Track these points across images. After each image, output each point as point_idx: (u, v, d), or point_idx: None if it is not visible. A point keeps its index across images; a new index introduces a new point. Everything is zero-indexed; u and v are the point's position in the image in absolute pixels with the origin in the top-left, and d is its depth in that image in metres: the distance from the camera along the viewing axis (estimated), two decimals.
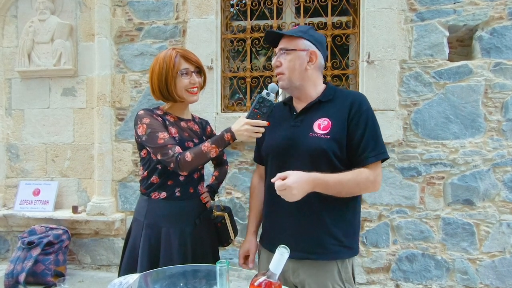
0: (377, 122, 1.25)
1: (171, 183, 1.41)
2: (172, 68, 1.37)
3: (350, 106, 1.23)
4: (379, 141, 1.22)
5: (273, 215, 1.31)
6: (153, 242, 1.38)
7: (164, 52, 1.41)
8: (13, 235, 3.21)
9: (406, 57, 2.68)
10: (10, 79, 3.22)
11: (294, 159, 1.24)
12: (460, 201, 2.64)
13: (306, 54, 1.26)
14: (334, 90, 1.31)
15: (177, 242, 1.38)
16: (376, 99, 2.64)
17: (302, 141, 1.23)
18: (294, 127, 1.27)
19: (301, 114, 1.29)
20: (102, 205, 2.96)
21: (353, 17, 2.87)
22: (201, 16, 2.87)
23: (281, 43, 1.30)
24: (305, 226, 1.22)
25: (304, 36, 1.26)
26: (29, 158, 3.22)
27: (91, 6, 3.03)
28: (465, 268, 2.65)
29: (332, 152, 1.19)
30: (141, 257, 1.38)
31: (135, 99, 3.02)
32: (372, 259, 2.75)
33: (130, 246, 1.44)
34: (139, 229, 1.41)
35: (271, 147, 1.32)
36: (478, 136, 2.62)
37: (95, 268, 3.11)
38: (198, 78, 1.45)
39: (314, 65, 1.27)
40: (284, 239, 1.22)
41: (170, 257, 1.37)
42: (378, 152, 1.20)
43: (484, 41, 2.61)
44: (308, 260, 1.21)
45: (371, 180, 1.19)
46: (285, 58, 1.26)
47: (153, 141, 1.32)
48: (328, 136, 1.19)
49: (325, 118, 1.23)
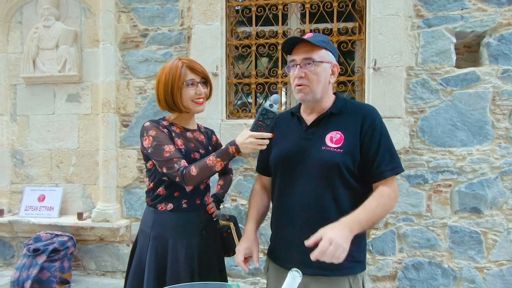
0: (389, 135, 1.23)
1: (178, 194, 1.40)
2: (178, 79, 1.36)
3: (362, 120, 1.20)
4: (394, 155, 1.20)
5: (284, 229, 1.27)
6: (160, 254, 1.37)
7: (171, 62, 1.40)
8: (18, 241, 3.19)
9: (412, 64, 2.63)
10: (15, 85, 3.19)
11: (306, 172, 1.21)
12: (468, 209, 2.59)
13: (330, 66, 1.22)
14: (344, 102, 1.27)
15: (184, 254, 1.37)
16: (382, 106, 2.59)
17: (314, 154, 1.19)
18: (305, 140, 1.24)
19: (312, 126, 1.25)
20: (107, 212, 2.93)
21: (359, 23, 2.82)
22: (206, 23, 2.83)
23: (302, 51, 1.20)
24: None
25: (327, 47, 1.21)
26: (34, 164, 3.20)
27: (95, 12, 3.00)
28: (473, 276, 2.60)
29: (345, 166, 1.16)
30: (147, 269, 1.36)
31: (140, 106, 2.99)
32: (378, 267, 2.70)
33: (137, 257, 1.43)
34: (146, 240, 1.40)
35: (281, 159, 1.28)
36: (486, 144, 2.57)
37: (100, 274, 3.08)
38: (204, 88, 1.44)
39: (335, 78, 1.25)
40: (296, 255, 1.21)
41: (177, 269, 1.36)
42: (394, 166, 1.18)
43: (492, 48, 2.55)
44: (321, 276, 1.17)
45: (393, 197, 1.18)
46: (310, 69, 1.18)
47: (159, 154, 1.31)
48: (341, 150, 1.17)
49: (337, 131, 1.20)
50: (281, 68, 2.89)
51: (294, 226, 1.22)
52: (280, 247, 1.30)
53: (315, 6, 2.82)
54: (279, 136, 1.27)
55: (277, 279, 1.29)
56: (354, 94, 2.88)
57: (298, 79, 1.20)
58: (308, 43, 1.18)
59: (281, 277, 1.21)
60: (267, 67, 2.93)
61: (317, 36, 1.22)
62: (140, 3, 2.96)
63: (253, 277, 2.87)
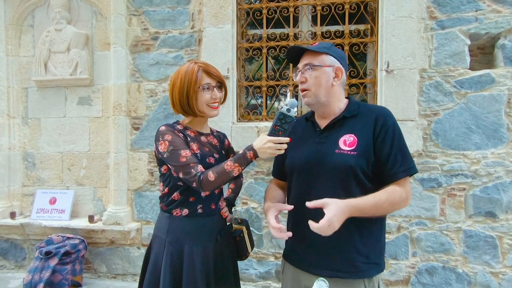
0: (403, 136, 1.21)
1: (193, 199, 1.37)
2: (194, 82, 1.33)
3: (375, 121, 1.19)
4: (407, 155, 1.19)
5: (300, 232, 1.24)
6: (176, 260, 1.35)
7: (186, 65, 1.36)
8: (29, 243, 3.13)
9: (426, 66, 2.55)
10: (27, 88, 3.15)
11: (321, 176, 1.20)
12: (482, 213, 2.50)
13: (332, 70, 1.23)
14: (357, 105, 1.27)
15: (200, 260, 1.35)
16: (395, 108, 2.50)
17: (329, 158, 1.19)
18: (319, 144, 1.24)
19: (326, 130, 1.25)
20: (118, 215, 2.87)
21: (371, 25, 2.73)
22: (217, 25, 2.76)
23: (305, 59, 1.26)
24: (334, 243, 1.17)
25: (328, 52, 1.23)
26: (45, 167, 3.15)
27: (107, 15, 2.94)
28: (488, 282, 2.50)
29: (359, 168, 1.16)
30: (163, 275, 1.34)
31: (151, 108, 2.92)
32: (391, 271, 2.61)
33: (152, 263, 1.40)
34: (161, 246, 1.37)
35: (297, 164, 1.28)
36: (501, 147, 2.47)
37: (111, 277, 3.02)
38: (219, 93, 1.41)
39: (339, 81, 1.25)
40: (313, 257, 1.22)
41: (193, 275, 1.33)
42: (407, 167, 1.17)
43: (507, 50, 2.46)
44: (337, 278, 1.16)
45: (404, 197, 1.17)
46: (310, 74, 1.22)
47: (176, 159, 1.28)
48: (355, 152, 1.17)
49: (351, 134, 1.20)
50: (292, 71, 2.82)
51: (310, 229, 1.18)
52: (296, 249, 1.30)
53: (326, 8, 2.73)
54: (294, 141, 1.27)
55: (293, 281, 1.30)
56: (366, 97, 2.80)
57: (300, 84, 1.25)
58: (310, 51, 1.24)
59: (297, 279, 1.28)
60: (278, 69, 2.86)
61: (320, 43, 1.27)
62: (151, 6, 2.89)
63: (264, 280, 2.79)
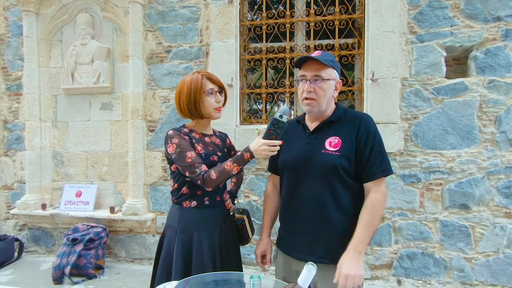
0: (382, 140, 1.30)
1: (200, 193, 1.47)
2: (200, 89, 1.43)
3: (358, 126, 1.27)
4: (385, 158, 1.26)
5: (290, 222, 1.36)
6: (186, 245, 1.45)
7: (190, 75, 1.47)
8: (58, 231, 3.43)
9: (407, 75, 2.76)
10: (56, 96, 3.43)
11: (308, 172, 1.30)
12: (457, 205, 2.71)
13: (335, 83, 1.31)
14: (343, 111, 1.35)
15: (207, 245, 1.44)
16: (379, 113, 2.73)
17: (315, 156, 1.28)
18: (308, 144, 1.33)
19: (314, 132, 1.34)
20: (135, 206, 3.14)
21: (358, 39, 2.97)
22: (222, 40, 3.04)
23: (312, 68, 1.28)
24: (319, 233, 1.27)
25: (333, 66, 1.28)
26: (72, 164, 3.43)
27: (125, 31, 3.21)
28: (462, 266, 2.71)
29: (341, 167, 1.25)
30: (175, 259, 1.44)
31: (164, 113, 3.20)
32: (376, 257, 2.85)
33: (165, 248, 1.50)
34: (173, 233, 1.47)
35: (288, 161, 1.38)
36: (474, 147, 2.68)
37: (129, 261, 3.29)
38: (221, 97, 1.51)
39: (337, 92, 1.34)
40: (300, 245, 1.32)
41: (202, 259, 1.44)
42: (384, 169, 1.25)
43: (479, 60, 2.66)
44: (321, 263, 1.22)
45: (381, 200, 1.24)
46: (319, 85, 1.27)
47: (182, 159, 1.38)
48: (339, 153, 1.25)
49: (336, 137, 1.28)
50: (288, 79, 3.08)
51: (298, 219, 1.32)
52: (286, 237, 1.40)
53: (318, 24, 2.99)
54: (286, 141, 1.33)
55: (284, 266, 1.40)
56: (354, 103, 3.02)
57: (307, 93, 1.28)
58: (318, 62, 1.26)
59: (288, 264, 1.38)
60: (276, 78, 3.12)
61: (326, 55, 1.28)
62: (165, 23, 3.17)
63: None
